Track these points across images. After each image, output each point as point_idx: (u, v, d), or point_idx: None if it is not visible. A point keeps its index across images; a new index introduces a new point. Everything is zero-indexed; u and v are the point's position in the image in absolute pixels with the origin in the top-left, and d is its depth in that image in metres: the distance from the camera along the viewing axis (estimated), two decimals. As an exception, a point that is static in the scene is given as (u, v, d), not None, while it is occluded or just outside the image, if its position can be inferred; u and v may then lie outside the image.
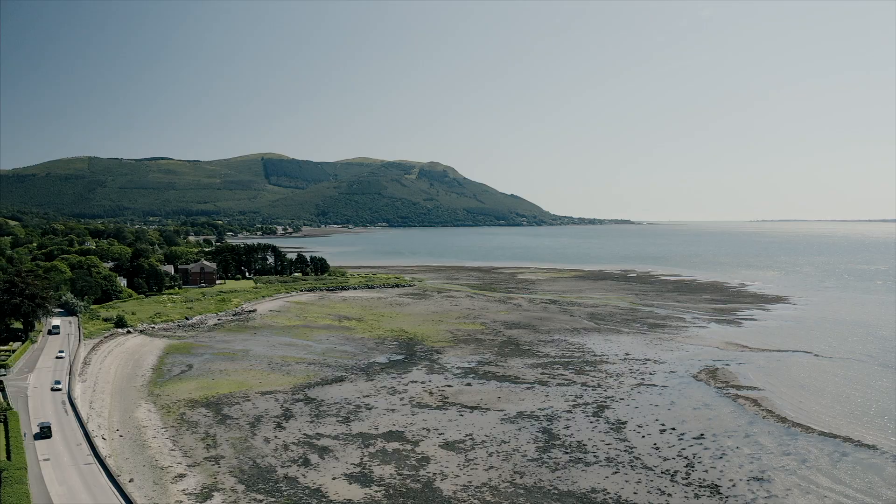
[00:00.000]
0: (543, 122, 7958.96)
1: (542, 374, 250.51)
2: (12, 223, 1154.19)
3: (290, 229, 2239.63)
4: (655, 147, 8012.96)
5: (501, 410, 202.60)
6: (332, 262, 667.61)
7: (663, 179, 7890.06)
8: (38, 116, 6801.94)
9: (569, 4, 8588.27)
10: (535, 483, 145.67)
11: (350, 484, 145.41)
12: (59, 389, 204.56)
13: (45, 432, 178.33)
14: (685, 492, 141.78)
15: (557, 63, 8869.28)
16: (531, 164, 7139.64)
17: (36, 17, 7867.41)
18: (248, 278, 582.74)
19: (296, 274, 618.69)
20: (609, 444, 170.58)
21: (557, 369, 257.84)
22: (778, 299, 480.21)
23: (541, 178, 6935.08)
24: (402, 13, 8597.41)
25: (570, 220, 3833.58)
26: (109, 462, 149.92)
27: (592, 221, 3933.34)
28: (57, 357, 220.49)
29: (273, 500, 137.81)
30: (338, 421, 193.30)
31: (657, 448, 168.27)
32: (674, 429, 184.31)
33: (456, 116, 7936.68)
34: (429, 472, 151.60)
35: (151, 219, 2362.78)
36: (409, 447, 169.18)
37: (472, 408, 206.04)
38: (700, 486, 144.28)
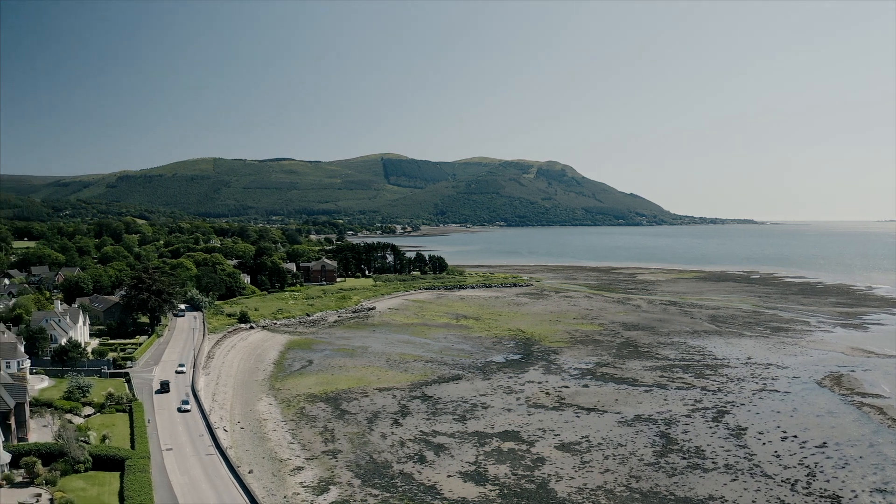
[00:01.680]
0: (665, 121, 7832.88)
1: (660, 376, 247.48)
2: (140, 222, 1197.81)
3: (408, 228, 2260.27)
4: (780, 146, 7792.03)
5: (619, 413, 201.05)
6: (450, 261, 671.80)
7: (788, 178, 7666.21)
8: (165, 119, 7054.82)
9: (689, 2, 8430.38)
10: (651, 488, 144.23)
11: (465, 482, 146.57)
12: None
13: (164, 388, 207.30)
14: (805, 501, 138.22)
15: (681, 60, 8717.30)
16: (652, 163, 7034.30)
17: (167, 25, 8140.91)
18: (368, 276, 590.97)
19: (414, 272, 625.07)
20: (728, 451, 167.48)
21: (677, 372, 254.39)
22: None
23: (661, 177, 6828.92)
24: (519, 9, 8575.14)
25: (690, 220, 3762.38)
26: (230, 453, 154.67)
27: (714, 221, 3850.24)
28: (177, 372, 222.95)
29: (388, 495, 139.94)
30: (454, 419, 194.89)
31: (777, 456, 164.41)
32: (795, 436, 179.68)
33: (574, 115, 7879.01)
34: (543, 473, 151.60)
35: (274, 218, 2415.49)
36: (524, 447, 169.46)
37: (589, 409, 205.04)
38: (821, 497, 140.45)
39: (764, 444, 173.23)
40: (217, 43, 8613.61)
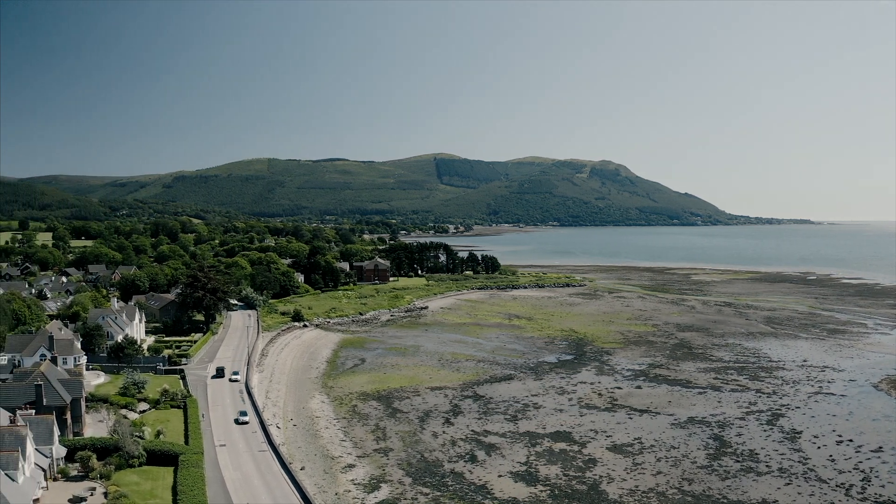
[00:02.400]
0: (719, 120, 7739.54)
1: (714, 378, 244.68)
2: (196, 221, 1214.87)
3: (461, 228, 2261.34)
4: (839, 144, 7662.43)
5: (672, 415, 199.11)
6: (502, 261, 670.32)
7: (846, 178, 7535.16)
8: (220, 120, 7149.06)
9: (740, 1, 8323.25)
10: (703, 491, 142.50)
11: (515, 482, 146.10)
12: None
13: (219, 373, 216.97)
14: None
15: (737, 59, 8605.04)
16: (706, 162, 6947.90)
17: (222, 26, 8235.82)
18: (421, 276, 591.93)
19: (467, 272, 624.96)
20: (783, 454, 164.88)
21: (731, 374, 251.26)
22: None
23: (716, 177, 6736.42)
24: (572, 7, 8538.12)
25: (746, 220, 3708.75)
26: (282, 450, 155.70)
27: (770, 221, 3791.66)
28: (231, 380, 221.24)
29: (439, 494, 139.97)
30: (505, 419, 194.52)
31: (832, 460, 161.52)
32: (851, 440, 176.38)
33: (628, 113, 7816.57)
34: (595, 475, 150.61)
35: (328, 217, 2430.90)
36: (576, 448, 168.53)
37: (642, 411, 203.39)
38: (876, 502, 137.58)
39: (819, 447, 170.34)
40: (271, 44, 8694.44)
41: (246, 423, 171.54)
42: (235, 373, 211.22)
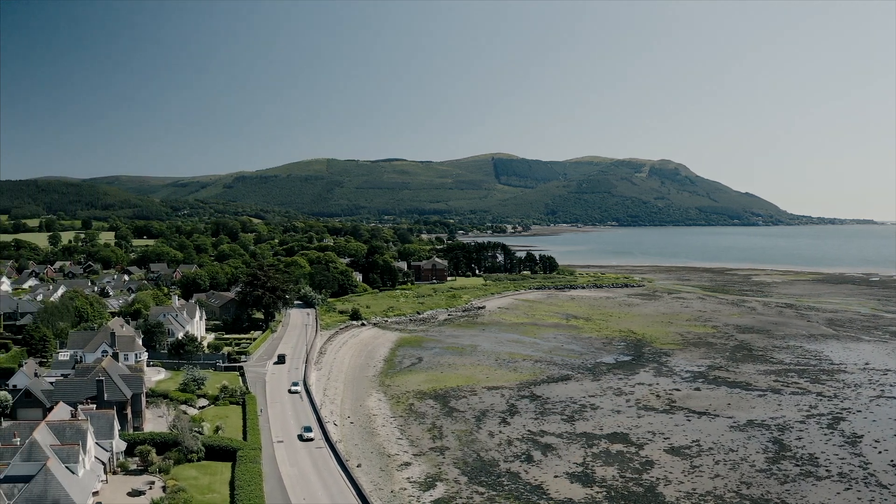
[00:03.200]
0: (781, 119, 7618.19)
1: (775, 381, 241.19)
2: (256, 221, 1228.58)
3: (519, 228, 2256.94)
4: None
5: (731, 417, 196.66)
6: (560, 261, 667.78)
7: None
8: (280, 121, 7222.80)
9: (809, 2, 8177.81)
10: (762, 495, 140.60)
11: (571, 483, 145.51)
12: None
13: (281, 360, 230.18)
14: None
15: (801, 58, 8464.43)
16: (768, 162, 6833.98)
17: (281, 29, 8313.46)
18: (478, 275, 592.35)
19: (524, 272, 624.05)
20: (843, 459, 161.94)
21: (791, 377, 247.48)
22: None
23: (778, 176, 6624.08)
24: (630, 6, 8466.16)
25: (808, 220, 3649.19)
26: (339, 447, 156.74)
27: (832, 221, 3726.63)
28: (290, 391, 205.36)
29: (494, 493, 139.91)
30: (562, 419, 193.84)
31: (894, 465, 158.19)
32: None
33: (687, 112, 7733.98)
34: (652, 477, 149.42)
35: (386, 217, 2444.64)
36: (633, 450, 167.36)
37: (700, 413, 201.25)
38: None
39: (880, 452, 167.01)
40: (331, 45, 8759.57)
41: (311, 439, 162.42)
42: (295, 383, 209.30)
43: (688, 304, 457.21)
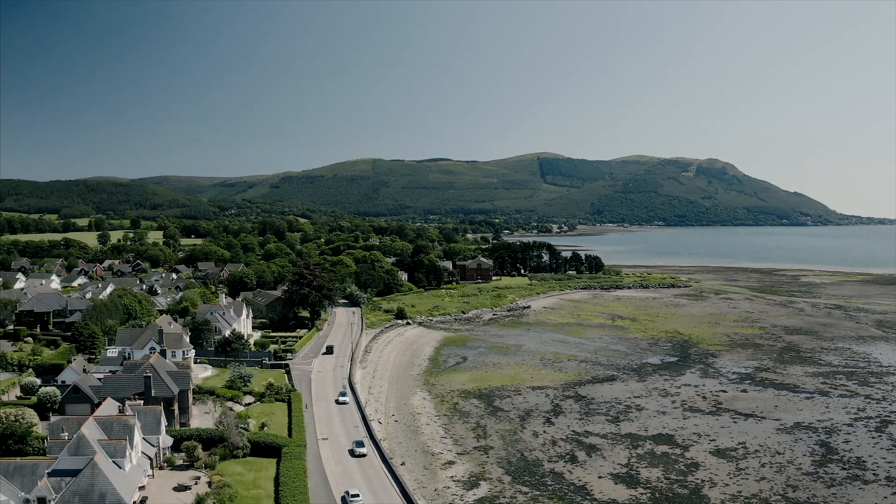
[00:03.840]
0: (830, 118, 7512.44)
1: (822, 383, 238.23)
2: (302, 220, 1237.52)
3: (564, 228, 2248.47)
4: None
5: (777, 420, 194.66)
6: (606, 261, 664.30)
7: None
8: (326, 122, 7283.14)
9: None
10: (808, 498, 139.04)
11: (616, 484, 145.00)
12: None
13: (329, 351, 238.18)
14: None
15: (847, 57, 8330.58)
16: (817, 160, 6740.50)
17: (329, 33, 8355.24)
18: (523, 275, 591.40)
19: (570, 272, 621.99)
20: (891, 463, 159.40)
21: (840, 379, 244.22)
22: None
23: (827, 175, 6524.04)
24: (674, 7, 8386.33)
25: (858, 220, 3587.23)
26: (384, 445, 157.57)
27: (882, 221, 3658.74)
28: (338, 402, 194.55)
29: (538, 493, 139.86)
30: (607, 420, 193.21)
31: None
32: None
33: (734, 110, 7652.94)
34: (697, 479, 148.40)
35: (431, 217, 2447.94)
36: (678, 451, 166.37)
37: (747, 415, 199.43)
38: None
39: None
40: (377, 45, 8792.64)
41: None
42: (343, 393, 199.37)
43: (735, 304, 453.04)
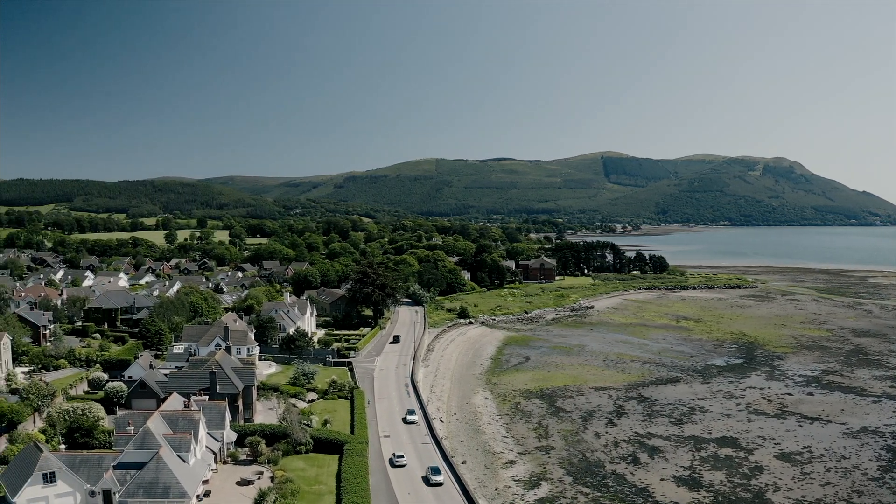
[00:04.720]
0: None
1: (891, 387, 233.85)
2: (366, 220, 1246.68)
3: (628, 227, 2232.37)
4: None
5: (844, 424, 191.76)
6: (671, 261, 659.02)
7: None
8: (390, 123, 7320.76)
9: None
10: None
11: (678, 486, 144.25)
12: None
13: (396, 340, 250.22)
14: None
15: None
16: (886, 159, 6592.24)
17: (393, 35, 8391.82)
18: (587, 275, 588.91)
19: (634, 272, 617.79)
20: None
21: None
22: None
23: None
24: (745, 8, 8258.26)
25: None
26: (445, 443, 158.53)
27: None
28: (405, 421, 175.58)
29: (599, 494, 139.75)
30: (670, 422, 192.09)
31: None
32: None
33: (802, 108, 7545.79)
34: (761, 483, 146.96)
35: (494, 216, 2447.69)
36: (742, 454, 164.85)
37: (813, 419, 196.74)
38: None
39: None
40: (439, 46, 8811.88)
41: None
42: (411, 412, 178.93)
43: (802, 306, 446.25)
